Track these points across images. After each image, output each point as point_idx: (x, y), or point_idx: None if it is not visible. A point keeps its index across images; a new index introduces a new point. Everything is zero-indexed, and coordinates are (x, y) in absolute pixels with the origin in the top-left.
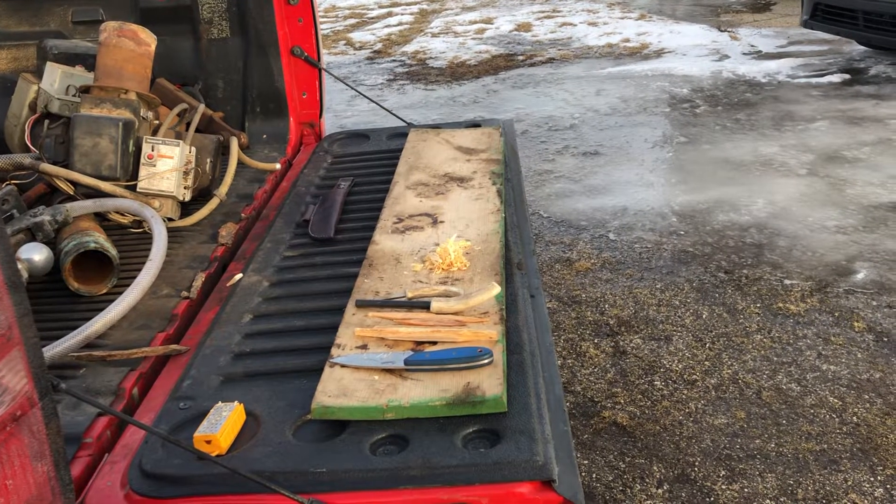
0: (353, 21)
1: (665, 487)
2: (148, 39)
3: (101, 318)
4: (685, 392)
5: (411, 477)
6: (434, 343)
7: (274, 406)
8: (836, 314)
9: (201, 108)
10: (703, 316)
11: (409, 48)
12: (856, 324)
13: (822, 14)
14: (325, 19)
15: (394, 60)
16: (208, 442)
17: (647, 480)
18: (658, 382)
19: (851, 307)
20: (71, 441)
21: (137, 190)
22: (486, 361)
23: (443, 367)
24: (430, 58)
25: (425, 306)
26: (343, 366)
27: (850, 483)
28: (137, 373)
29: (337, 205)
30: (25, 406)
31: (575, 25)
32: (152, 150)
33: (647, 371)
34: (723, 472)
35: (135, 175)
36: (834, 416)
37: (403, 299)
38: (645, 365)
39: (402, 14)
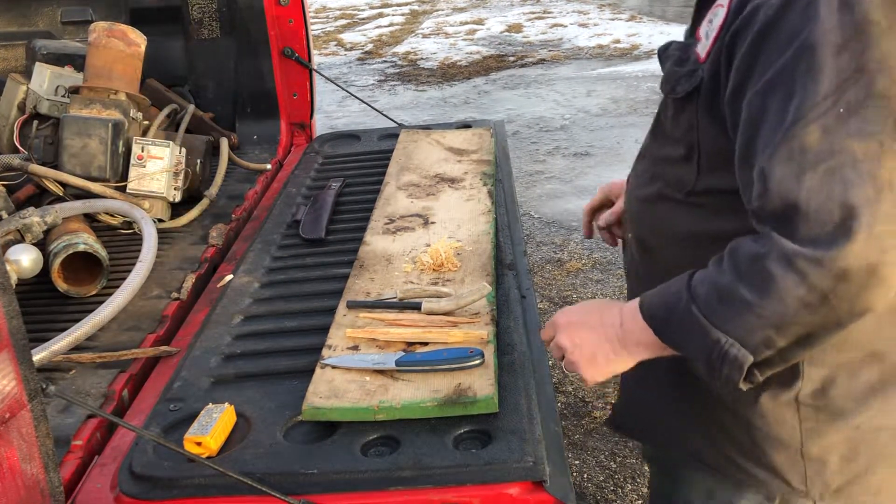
0: (343, 22)
1: None
2: (137, 40)
3: (91, 319)
4: None
5: (402, 478)
6: (425, 344)
7: (265, 407)
8: None
9: (191, 108)
10: None
11: (400, 49)
12: None
13: None
14: (315, 20)
15: (385, 61)
16: (199, 444)
17: (639, 480)
18: None
19: None
20: (60, 443)
21: (127, 191)
22: (477, 362)
23: (434, 367)
24: (421, 58)
25: (416, 307)
26: (334, 367)
27: None
28: (127, 375)
29: (328, 206)
30: (14, 409)
31: (565, 26)
32: (142, 151)
33: None
34: None
35: (124, 176)
36: None
37: (395, 300)
38: None
39: (393, 15)
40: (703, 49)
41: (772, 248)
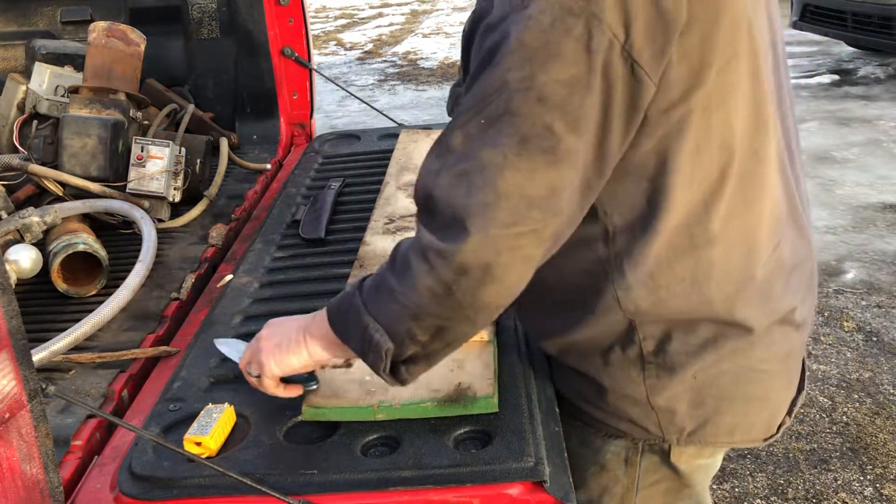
0: (343, 21)
1: None
2: (137, 40)
3: (91, 319)
4: None
5: (402, 478)
6: None
7: (264, 408)
8: (826, 314)
9: (191, 108)
10: None
11: (400, 49)
12: (845, 323)
13: (811, 15)
14: (315, 20)
15: (385, 61)
16: (198, 444)
17: None
18: None
19: (841, 307)
20: (60, 444)
21: (127, 191)
22: (312, 387)
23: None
24: (421, 58)
25: None
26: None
27: (839, 482)
28: (127, 375)
29: (328, 205)
30: (14, 409)
31: None
32: (142, 151)
33: None
34: None
35: (124, 176)
36: (824, 415)
37: None
38: None
39: (393, 14)
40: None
41: (415, 240)
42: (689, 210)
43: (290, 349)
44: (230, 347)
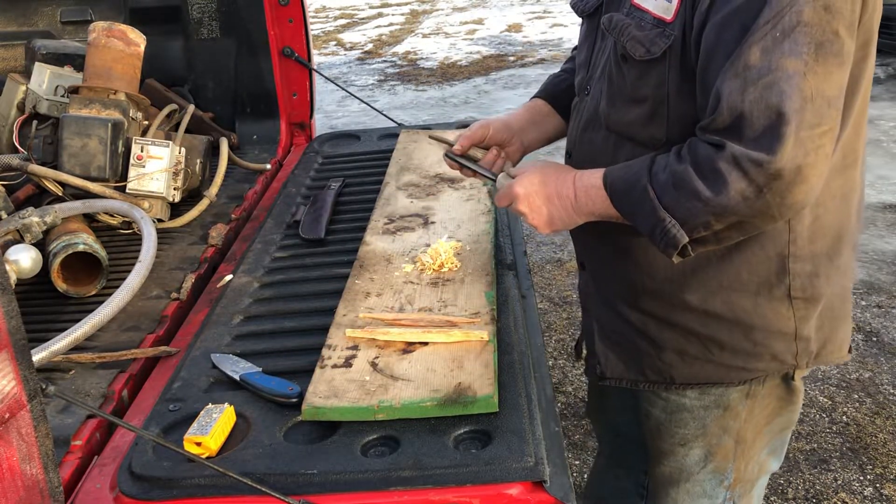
0: (343, 21)
1: None
2: (137, 40)
3: (91, 319)
4: None
5: (402, 478)
6: (425, 344)
7: (264, 407)
8: None
9: (191, 108)
10: None
11: (400, 49)
12: None
13: None
14: (315, 20)
15: (384, 61)
16: (198, 444)
17: None
18: None
19: None
20: (60, 444)
21: (127, 191)
22: (293, 400)
23: (257, 391)
24: (421, 58)
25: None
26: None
27: (839, 482)
28: (127, 375)
29: (327, 206)
30: (14, 409)
31: (566, 26)
32: (142, 151)
33: None
34: None
35: (124, 176)
36: (824, 415)
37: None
38: None
39: (393, 15)
40: (665, 10)
41: (723, 151)
42: (849, 131)
43: (564, 224)
44: (227, 362)
